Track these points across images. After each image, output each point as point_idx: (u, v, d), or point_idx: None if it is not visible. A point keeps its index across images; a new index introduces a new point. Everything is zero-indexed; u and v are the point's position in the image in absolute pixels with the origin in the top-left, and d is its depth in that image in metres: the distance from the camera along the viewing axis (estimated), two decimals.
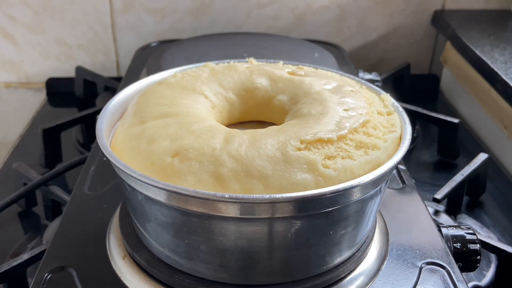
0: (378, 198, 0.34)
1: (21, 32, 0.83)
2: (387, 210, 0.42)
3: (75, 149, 0.70)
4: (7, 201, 0.54)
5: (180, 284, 0.34)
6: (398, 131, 0.35)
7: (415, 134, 0.72)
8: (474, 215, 0.58)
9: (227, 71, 0.40)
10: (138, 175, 0.29)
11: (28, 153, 0.68)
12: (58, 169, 0.57)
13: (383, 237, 0.39)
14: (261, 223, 0.30)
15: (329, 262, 0.34)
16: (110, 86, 0.80)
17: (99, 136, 0.33)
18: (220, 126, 0.34)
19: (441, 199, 0.53)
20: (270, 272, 0.33)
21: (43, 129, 0.64)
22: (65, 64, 0.86)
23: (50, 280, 0.36)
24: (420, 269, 0.37)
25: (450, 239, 0.41)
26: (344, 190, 0.29)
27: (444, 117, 0.66)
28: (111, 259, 0.37)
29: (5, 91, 0.88)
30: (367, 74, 0.76)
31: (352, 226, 0.33)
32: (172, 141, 0.32)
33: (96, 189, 0.45)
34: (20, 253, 0.50)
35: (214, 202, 0.29)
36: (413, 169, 0.65)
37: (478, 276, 0.49)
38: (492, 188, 0.62)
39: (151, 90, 0.38)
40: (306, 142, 0.31)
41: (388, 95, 0.38)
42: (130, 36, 0.84)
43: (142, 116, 0.35)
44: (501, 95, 0.65)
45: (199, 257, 0.32)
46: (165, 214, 0.31)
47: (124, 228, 0.38)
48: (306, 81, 0.38)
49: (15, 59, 0.85)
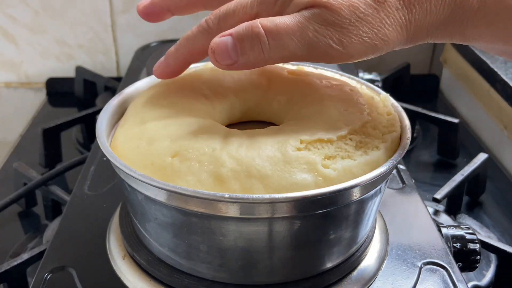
0: (378, 198, 0.34)
1: (21, 32, 0.83)
2: (387, 210, 0.42)
3: (75, 149, 0.70)
4: (7, 201, 0.54)
5: (180, 284, 0.34)
6: (398, 131, 0.35)
7: (415, 134, 0.72)
8: (474, 215, 0.58)
9: (227, 71, 0.40)
10: (138, 175, 0.29)
11: (28, 153, 0.68)
12: (58, 169, 0.57)
13: (383, 237, 0.39)
14: (261, 223, 0.30)
15: (329, 262, 0.34)
16: (110, 86, 0.80)
17: (99, 136, 0.33)
18: (220, 126, 0.34)
19: (441, 199, 0.53)
20: (270, 272, 0.33)
21: (43, 129, 0.64)
22: (65, 64, 0.86)
23: (50, 280, 0.36)
24: (420, 269, 0.37)
25: (450, 239, 0.41)
26: (344, 190, 0.29)
27: (444, 117, 0.66)
28: (111, 259, 0.37)
29: (5, 91, 0.88)
30: (367, 74, 0.76)
31: (352, 226, 0.33)
32: (172, 141, 0.32)
33: (96, 189, 0.45)
34: (20, 253, 0.50)
35: (214, 202, 0.29)
36: (413, 169, 0.65)
37: (478, 276, 0.49)
38: (492, 188, 0.62)
39: (151, 90, 0.38)
40: (305, 142, 0.31)
41: (388, 95, 0.38)
42: (130, 36, 0.84)
43: (142, 116, 0.35)
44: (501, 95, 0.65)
45: (199, 257, 0.32)
46: (165, 214, 0.31)
47: (124, 228, 0.38)
48: (306, 81, 0.38)
49: (15, 59, 0.85)
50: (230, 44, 0.30)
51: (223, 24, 0.32)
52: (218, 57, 0.31)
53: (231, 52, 0.30)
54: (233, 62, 0.30)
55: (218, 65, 0.31)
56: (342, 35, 0.29)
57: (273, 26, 0.30)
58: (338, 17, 0.29)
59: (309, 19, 0.30)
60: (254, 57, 0.30)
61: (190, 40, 0.34)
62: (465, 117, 0.78)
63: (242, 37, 0.30)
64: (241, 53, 0.30)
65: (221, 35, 0.31)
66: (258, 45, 0.30)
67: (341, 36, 0.29)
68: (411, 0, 0.30)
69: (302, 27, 0.29)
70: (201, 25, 0.33)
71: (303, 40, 0.29)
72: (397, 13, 0.30)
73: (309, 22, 0.29)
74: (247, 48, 0.30)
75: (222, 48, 0.30)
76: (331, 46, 0.29)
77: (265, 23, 0.30)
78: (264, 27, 0.30)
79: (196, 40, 0.33)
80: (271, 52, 0.30)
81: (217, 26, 0.32)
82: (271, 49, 0.30)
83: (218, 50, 0.30)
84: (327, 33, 0.29)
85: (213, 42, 0.31)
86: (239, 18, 0.32)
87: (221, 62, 0.31)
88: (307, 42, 0.29)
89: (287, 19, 0.30)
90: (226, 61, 0.31)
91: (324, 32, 0.29)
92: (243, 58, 0.30)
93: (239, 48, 0.30)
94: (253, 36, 0.30)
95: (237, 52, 0.30)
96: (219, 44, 0.30)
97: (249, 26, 0.30)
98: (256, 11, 0.32)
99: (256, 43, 0.30)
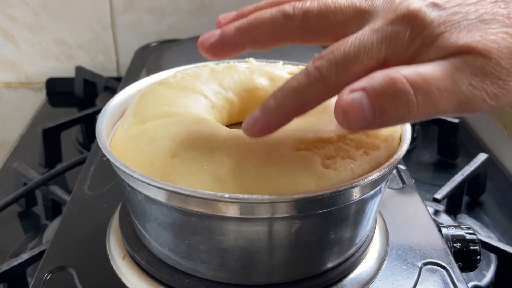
0: (378, 198, 0.34)
1: (21, 32, 0.83)
2: (387, 210, 0.42)
3: (75, 149, 0.70)
4: (7, 201, 0.54)
5: (180, 284, 0.34)
6: (398, 131, 0.35)
7: (415, 134, 0.72)
8: (474, 215, 0.58)
9: (227, 71, 0.40)
10: (138, 175, 0.29)
11: (28, 153, 0.68)
12: (58, 169, 0.57)
13: (383, 237, 0.39)
14: (261, 223, 0.30)
15: (329, 262, 0.34)
16: (110, 86, 0.80)
17: (99, 136, 0.33)
18: (220, 126, 0.34)
19: (441, 199, 0.53)
20: (270, 272, 0.33)
21: (43, 129, 0.64)
22: (65, 64, 0.86)
23: (50, 280, 0.36)
24: (420, 269, 0.37)
25: (450, 239, 0.41)
26: (344, 190, 0.29)
27: (444, 117, 0.66)
28: (111, 259, 0.37)
29: (5, 91, 0.88)
30: None
31: (352, 226, 0.33)
32: (172, 141, 0.32)
33: (96, 189, 0.45)
34: (20, 253, 0.50)
35: (214, 202, 0.29)
36: (413, 169, 0.65)
37: (478, 276, 0.49)
38: (492, 188, 0.62)
39: (151, 90, 0.38)
40: (306, 142, 0.31)
41: None
42: (130, 36, 0.84)
43: (142, 116, 0.35)
44: None
45: (199, 257, 0.32)
46: (165, 214, 0.31)
47: (124, 228, 0.38)
48: None
49: (15, 59, 0.85)
50: (366, 104, 0.24)
51: (342, 73, 0.26)
52: (353, 121, 0.24)
53: (367, 113, 0.24)
54: (369, 123, 0.24)
55: (349, 127, 0.25)
56: (498, 88, 0.25)
57: (422, 81, 0.24)
58: (497, 68, 0.24)
59: (462, 71, 0.24)
60: (397, 117, 0.24)
61: (300, 93, 0.26)
62: (465, 117, 0.78)
63: (383, 96, 0.24)
64: (380, 114, 0.24)
65: (352, 90, 0.24)
66: (404, 105, 0.24)
67: (497, 90, 0.25)
68: None
69: (454, 80, 0.24)
70: (310, 73, 0.26)
71: (455, 95, 0.24)
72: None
73: (463, 74, 0.24)
74: (389, 109, 0.24)
75: (357, 109, 0.24)
76: (485, 101, 0.25)
77: (410, 76, 0.24)
78: (411, 82, 0.24)
79: (307, 93, 0.26)
80: (418, 111, 0.24)
81: (336, 77, 0.26)
82: (418, 108, 0.24)
83: (352, 112, 0.24)
84: (483, 87, 0.24)
85: (343, 101, 0.24)
86: (364, 65, 0.26)
87: (356, 125, 0.25)
88: (459, 98, 0.24)
89: (434, 69, 0.24)
90: (362, 124, 0.24)
91: (479, 85, 0.24)
92: (382, 118, 0.24)
93: (378, 108, 0.24)
94: (399, 95, 0.24)
95: (375, 113, 0.24)
96: (352, 104, 0.24)
97: (391, 81, 0.24)
98: (384, 56, 0.26)
99: (402, 103, 0.24)
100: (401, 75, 0.24)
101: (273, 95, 0.27)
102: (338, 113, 0.25)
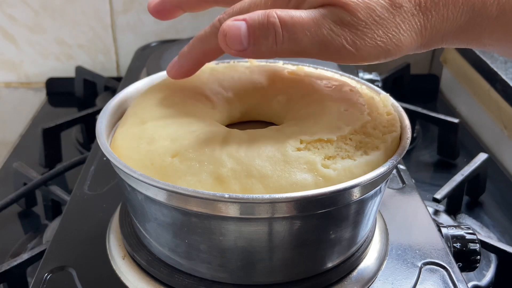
0: (378, 198, 0.34)
1: (21, 32, 0.83)
2: (387, 210, 0.42)
3: (75, 149, 0.70)
4: (7, 201, 0.54)
5: (180, 284, 0.34)
6: (398, 131, 0.35)
7: (415, 134, 0.72)
8: (474, 215, 0.58)
9: (227, 71, 0.40)
10: (138, 175, 0.29)
11: (28, 153, 0.68)
12: (58, 169, 0.57)
13: (383, 237, 0.39)
14: (261, 223, 0.30)
15: (329, 262, 0.34)
16: (110, 86, 0.80)
17: (99, 136, 0.33)
18: (220, 126, 0.34)
19: (441, 199, 0.53)
20: (270, 272, 0.33)
21: (43, 129, 0.64)
22: (65, 64, 0.86)
23: (50, 280, 0.36)
24: (420, 269, 0.37)
25: (450, 239, 0.41)
26: (344, 190, 0.29)
27: (444, 117, 0.66)
28: (111, 259, 0.37)
29: (5, 91, 0.88)
30: (367, 74, 0.76)
31: (352, 226, 0.33)
32: (172, 141, 0.32)
33: (96, 189, 0.45)
34: (20, 253, 0.50)
35: (214, 202, 0.29)
36: (413, 169, 0.65)
37: (478, 276, 0.49)
38: (492, 188, 0.62)
39: (151, 90, 0.38)
40: (305, 142, 0.31)
41: (388, 95, 0.38)
42: (130, 36, 0.84)
43: (142, 116, 0.35)
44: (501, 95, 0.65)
45: (199, 257, 0.32)
46: (165, 214, 0.31)
47: (124, 228, 0.38)
48: (306, 81, 0.38)
49: (15, 59, 0.85)
50: (243, 30, 0.29)
51: None
52: (229, 41, 0.30)
53: (243, 38, 0.29)
54: (243, 49, 0.30)
55: (228, 49, 0.30)
56: (356, 37, 0.29)
57: (289, 19, 0.29)
58: (355, 19, 0.29)
59: (325, 17, 0.29)
60: (266, 47, 0.30)
61: (203, 40, 0.33)
62: (465, 117, 0.78)
63: (257, 25, 0.29)
64: (253, 41, 0.29)
65: (235, 19, 0.30)
66: (272, 35, 0.29)
67: (355, 38, 0.29)
68: (428, 6, 0.30)
69: (317, 23, 0.29)
70: (214, 24, 0.32)
71: (317, 37, 0.29)
72: (412, 19, 0.29)
73: (325, 20, 0.29)
74: (260, 37, 0.29)
75: (235, 33, 0.29)
76: (344, 46, 0.29)
77: (281, 14, 0.29)
78: (280, 18, 0.29)
79: (209, 39, 0.33)
80: (283, 44, 0.29)
81: None
82: (284, 42, 0.29)
83: (231, 35, 0.29)
84: (342, 33, 0.29)
85: (225, 24, 0.30)
86: None
87: (232, 47, 0.30)
88: (320, 40, 0.29)
89: (303, 13, 0.29)
90: (237, 46, 0.30)
91: (339, 31, 0.29)
92: (254, 47, 0.29)
93: (252, 36, 0.29)
94: (268, 26, 0.29)
95: (249, 40, 0.29)
96: (231, 28, 0.29)
97: (265, 15, 0.29)
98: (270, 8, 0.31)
99: (271, 33, 0.29)
100: (274, 12, 0.29)
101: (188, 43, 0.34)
102: (220, 34, 0.30)
